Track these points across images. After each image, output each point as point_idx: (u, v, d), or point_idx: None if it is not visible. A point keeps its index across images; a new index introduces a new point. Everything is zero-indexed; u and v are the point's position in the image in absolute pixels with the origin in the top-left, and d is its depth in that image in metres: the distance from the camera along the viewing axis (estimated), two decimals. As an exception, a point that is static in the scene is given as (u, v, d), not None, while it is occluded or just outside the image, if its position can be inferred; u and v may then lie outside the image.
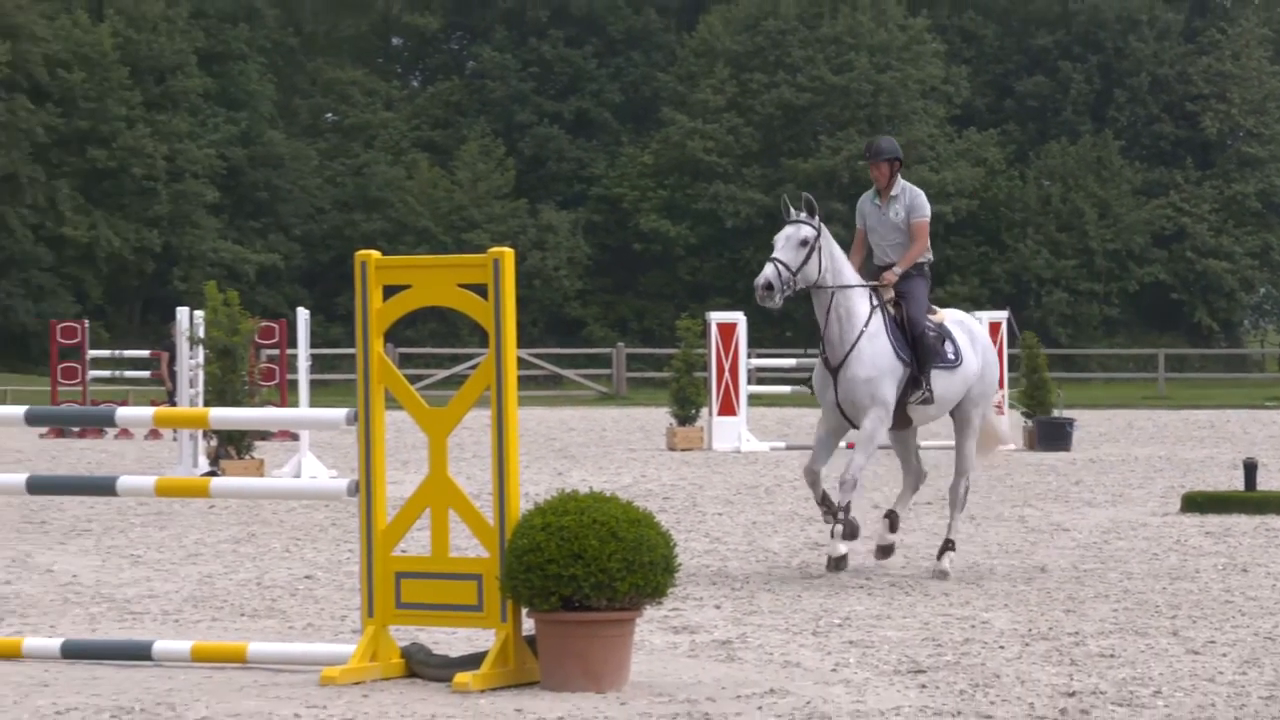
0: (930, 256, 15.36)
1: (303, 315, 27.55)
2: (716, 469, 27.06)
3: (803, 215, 14.75)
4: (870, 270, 15.25)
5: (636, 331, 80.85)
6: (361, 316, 10.37)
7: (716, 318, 32.87)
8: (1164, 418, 46.06)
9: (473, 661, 10.02)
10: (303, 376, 26.91)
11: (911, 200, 15.23)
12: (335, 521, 18.56)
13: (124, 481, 11.39)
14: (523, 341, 55.48)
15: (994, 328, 31.85)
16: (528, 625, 10.04)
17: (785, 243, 14.67)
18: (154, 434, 34.67)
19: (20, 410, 11.68)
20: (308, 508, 19.84)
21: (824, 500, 15.04)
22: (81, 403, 37.74)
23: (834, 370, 14.77)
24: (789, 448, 31.77)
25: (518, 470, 10.16)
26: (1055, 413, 31.97)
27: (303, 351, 27.04)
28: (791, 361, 40.16)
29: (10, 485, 11.61)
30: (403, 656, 10.25)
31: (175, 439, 28.21)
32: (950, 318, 15.57)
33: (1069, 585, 14.20)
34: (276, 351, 32.22)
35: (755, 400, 35.22)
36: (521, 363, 48.28)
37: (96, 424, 25.04)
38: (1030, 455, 29.89)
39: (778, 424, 40.44)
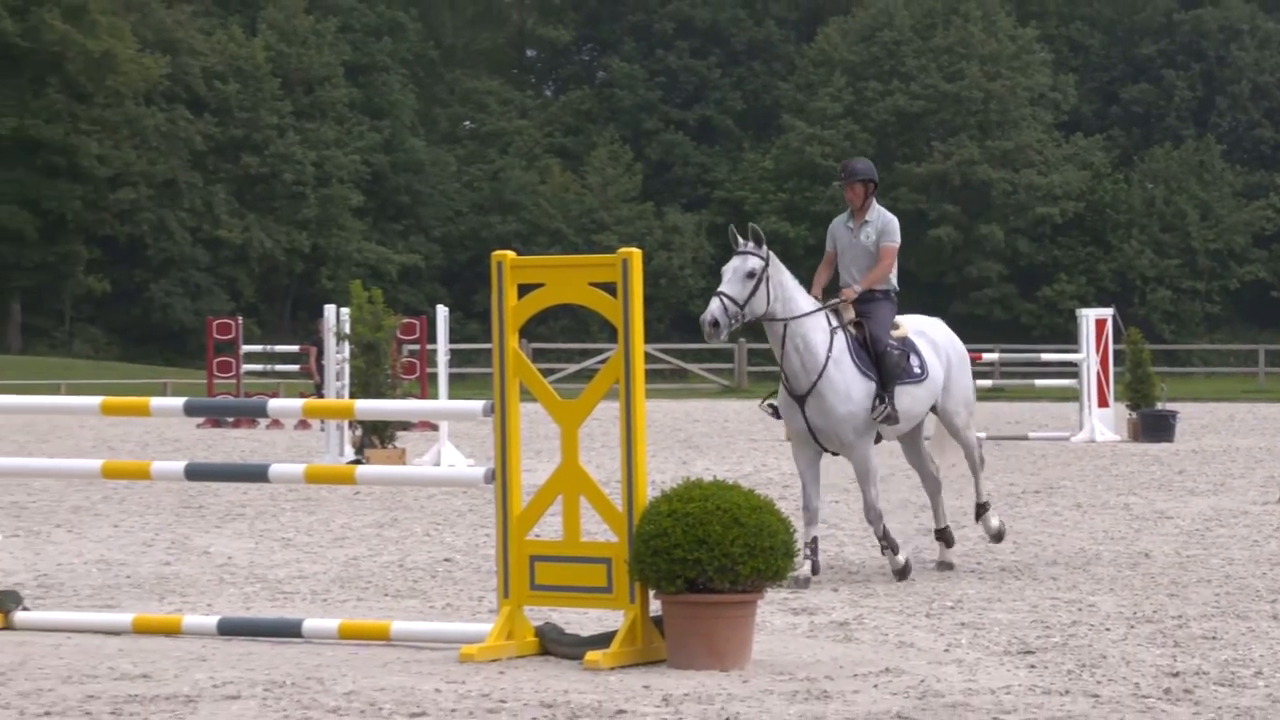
0: (895, 285, 14.55)
1: (442, 312, 27.66)
2: (832, 459, 26.93)
3: (750, 246, 13.63)
4: (833, 293, 14.40)
5: (757, 328, 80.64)
6: (498, 313, 10.40)
7: (834, 315, 32.69)
8: (1264, 410, 45.64)
9: (603, 640, 10.03)
10: (442, 370, 27.01)
11: (884, 225, 14.42)
12: (473, 507, 18.61)
13: (276, 469, 11.46)
14: (649, 337, 55.48)
15: (1100, 324, 31.66)
16: (654, 606, 10.04)
17: (732, 275, 13.59)
18: (303, 424, 34.89)
19: (180, 401, 11.77)
20: (447, 494, 19.90)
21: (886, 536, 14.15)
22: (235, 395, 38.00)
23: (800, 398, 13.87)
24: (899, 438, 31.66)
25: (645, 459, 10.16)
26: (1159, 405, 31.70)
27: (442, 346, 27.15)
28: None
29: (170, 472, 11.70)
30: (537, 635, 10.27)
31: (323, 429, 28.38)
32: (912, 327, 14.69)
33: (1172, 570, 14.09)
34: (417, 346, 32.34)
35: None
36: (648, 357, 48.32)
37: (250, 415, 25.17)
38: (1134, 446, 29.65)
39: (892, 416, 40.27)
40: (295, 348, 42.67)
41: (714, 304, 13.54)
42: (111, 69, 75.35)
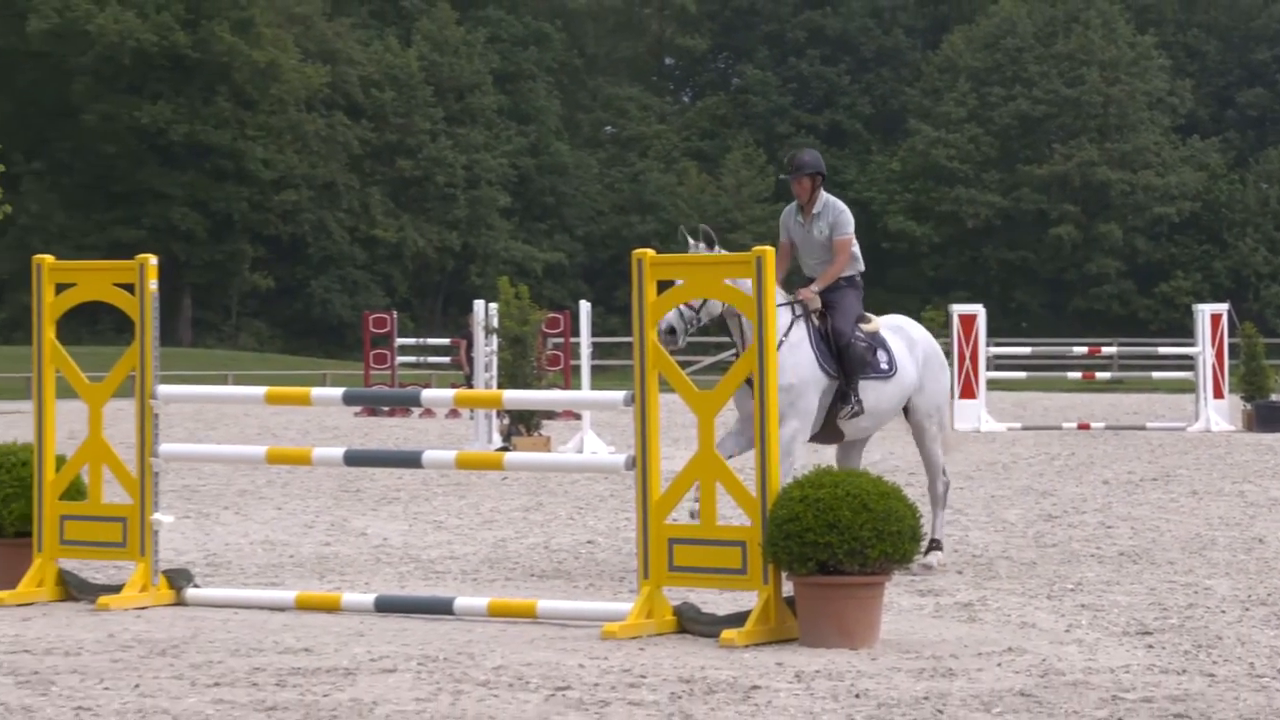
0: (861, 267, 13.58)
1: (585, 307, 27.73)
2: (957, 447, 26.82)
3: (701, 247, 12.71)
4: (795, 284, 13.46)
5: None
6: (638, 308, 10.41)
7: (958, 309, 32.59)
8: (1374, 402, 45.01)
9: (738, 619, 10.02)
10: (585, 362, 27.07)
11: (835, 217, 13.31)
12: (614, 492, 18.64)
13: (428, 455, 11.52)
14: (782, 331, 55.24)
15: (1215, 319, 31.33)
16: (787, 587, 10.03)
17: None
18: (453, 413, 35.06)
19: (339, 392, 11.86)
20: (589, 480, 19.94)
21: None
22: (390, 385, 38.26)
23: (750, 381, 13.10)
24: (1025, 428, 31.51)
25: (778, 447, 10.14)
26: (1273, 397, 31.36)
27: (585, 340, 27.22)
28: (1027, 350, 39.76)
29: (330, 458, 11.79)
30: (675, 614, 10.27)
31: (472, 418, 28.49)
32: (887, 324, 13.71)
33: (1285, 555, 13.93)
34: (561, 340, 32.45)
35: (993, 385, 34.86)
36: (781, 350, 48.07)
37: (404, 404, 25.34)
38: (1248, 436, 29.34)
39: (1014, 406, 40.05)
40: (446, 341, 42.89)
41: (669, 312, 12.27)
42: (276, 78, 76.02)
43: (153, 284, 11.48)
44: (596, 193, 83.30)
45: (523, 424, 25.50)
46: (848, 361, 12.96)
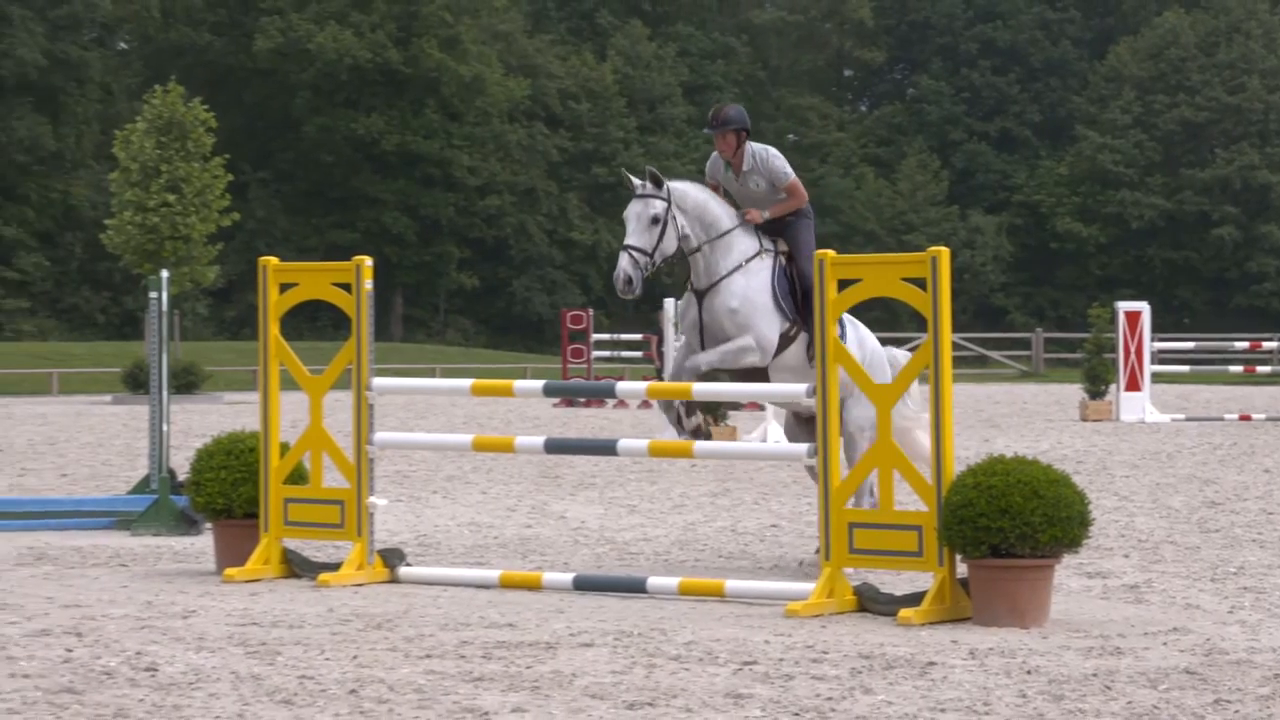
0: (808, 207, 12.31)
1: (769, 305, 27.62)
2: (1124, 437, 26.52)
3: (648, 187, 11.69)
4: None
5: (1052, 318, 79.89)
6: (819, 306, 10.38)
7: (1124, 306, 32.19)
8: None
9: (914, 599, 9.97)
10: (769, 356, 26.97)
11: (769, 169, 12.04)
12: (796, 479, 18.61)
13: (623, 444, 11.56)
14: (954, 326, 55.07)
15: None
16: (961, 569, 9.96)
17: (636, 223, 11.66)
18: (645, 404, 35.14)
19: (539, 384, 11.92)
20: (773, 467, 19.92)
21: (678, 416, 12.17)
22: (587, 378, 38.41)
23: (700, 294, 11.82)
24: (1188, 419, 31.09)
25: (952, 436, 10.07)
26: None
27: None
28: (1190, 345, 39.18)
29: (531, 446, 11.85)
30: (855, 594, 10.23)
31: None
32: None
33: None
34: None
35: (1157, 378, 34.41)
36: (954, 345, 47.95)
37: (600, 395, 25.43)
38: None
39: (1177, 399, 39.50)
40: (639, 336, 42.97)
41: (623, 259, 11.62)
42: (480, 91, 76.62)
43: (368, 284, 11.60)
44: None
45: (711, 414, 25.52)
46: (811, 308, 11.54)
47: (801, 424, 12.52)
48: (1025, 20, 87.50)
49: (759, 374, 12.05)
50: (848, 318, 12.23)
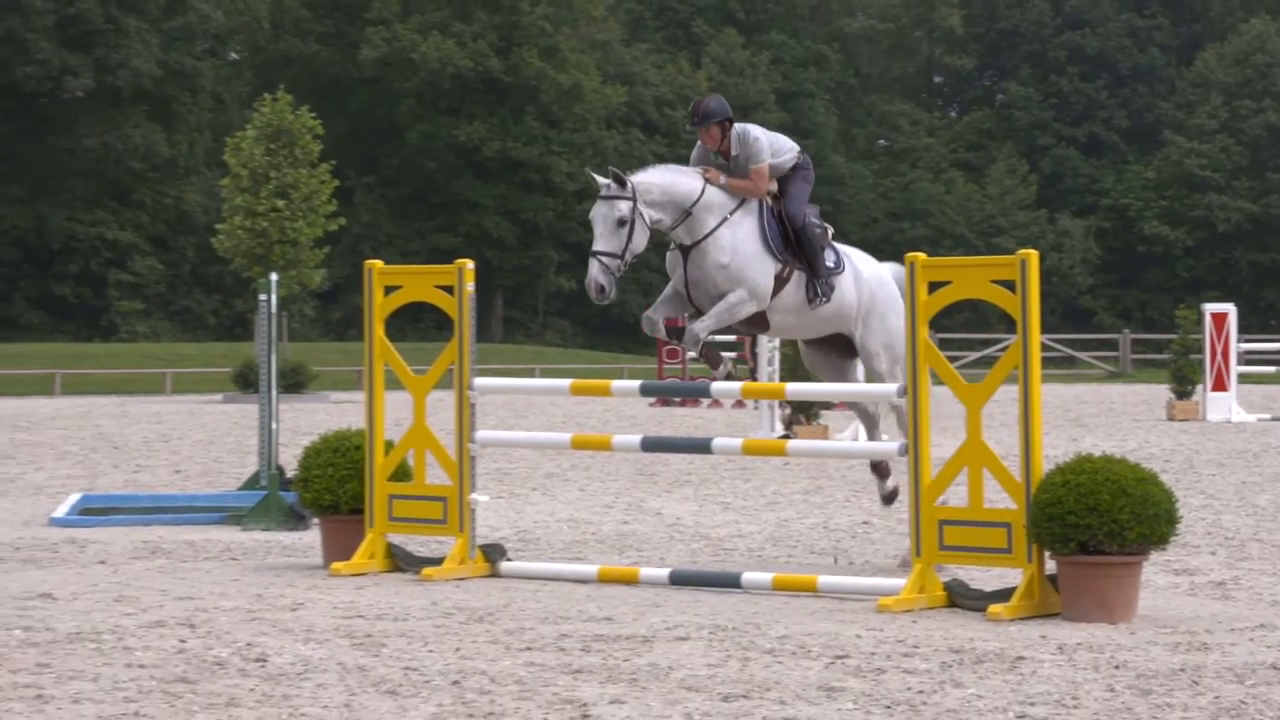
0: (797, 149, 11.79)
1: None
2: (1210, 437, 26.29)
3: (613, 188, 11.19)
4: None
5: (1139, 320, 79.37)
6: (910, 308, 10.34)
7: (1210, 308, 31.91)
8: None
9: (1003, 595, 9.92)
10: (861, 357, 26.88)
11: (749, 150, 11.47)
12: (888, 477, 18.53)
13: (718, 442, 11.54)
14: (1042, 328, 54.82)
15: None
16: (1050, 566, 9.90)
17: (603, 227, 11.15)
18: (739, 404, 35.08)
19: (636, 384, 11.93)
20: (865, 465, 19.82)
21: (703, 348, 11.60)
22: (681, 378, 38.40)
23: (686, 250, 11.40)
24: (1274, 419, 30.80)
25: (1041, 435, 10.02)
26: None
27: (861, 336, 27.03)
28: (1276, 345, 38.82)
29: (628, 444, 11.85)
30: (945, 590, 10.19)
31: (756, 408, 28.52)
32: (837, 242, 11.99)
33: None
34: (839, 336, 32.27)
35: (1244, 379, 34.08)
36: (1042, 346, 47.64)
37: (695, 395, 25.41)
38: None
39: (1264, 399, 39.12)
40: (733, 338, 42.93)
41: (593, 267, 11.09)
42: (579, 99, 76.79)
43: (469, 286, 11.64)
44: (870, 201, 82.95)
45: (803, 414, 25.47)
46: (806, 245, 11.43)
47: (817, 351, 12.29)
48: (1113, 27, 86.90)
49: (757, 320, 11.62)
50: (842, 247, 12.01)
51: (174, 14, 72.90)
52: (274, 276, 16.16)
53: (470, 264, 11.68)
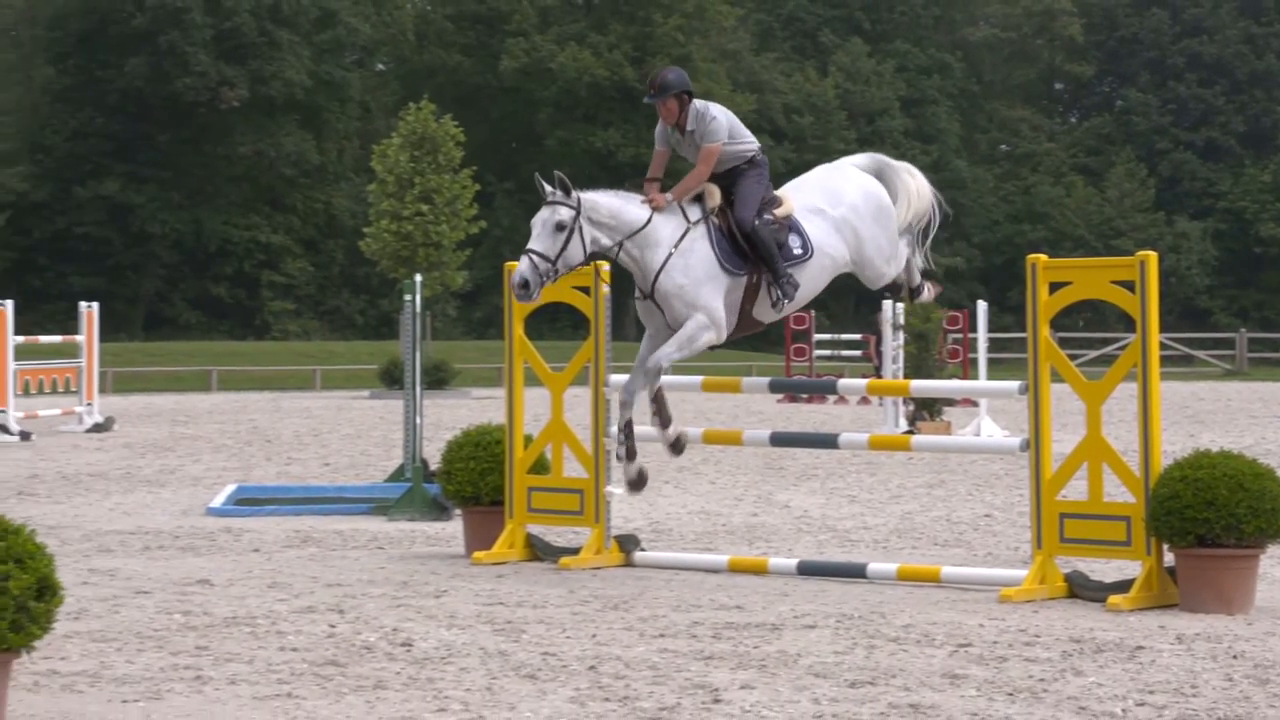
0: (755, 144, 11.18)
1: (982, 307, 27.40)
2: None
3: (558, 195, 10.77)
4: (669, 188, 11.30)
5: (1256, 320, 78.32)
6: (1032, 307, 10.26)
7: (1326, 308, 31.43)
8: None
9: (1123, 586, 9.83)
10: (982, 356, 26.75)
11: (704, 126, 10.95)
12: (1009, 472, 18.40)
13: (844, 437, 11.50)
14: (1160, 327, 54.17)
15: None
16: (1168, 558, 9.80)
17: (541, 229, 10.67)
18: (864, 400, 34.94)
19: (765, 380, 11.93)
20: (987, 460, 19.72)
21: (626, 427, 11.02)
22: (808, 375, 38.28)
23: (648, 295, 10.80)
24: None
25: (1159, 432, 9.91)
26: None
27: (982, 336, 26.90)
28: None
29: (758, 439, 11.85)
30: (1065, 581, 10.11)
31: (880, 404, 28.38)
32: (800, 201, 11.06)
33: None
34: (960, 335, 32.09)
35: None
36: (1160, 344, 47.11)
37: (821, 392, 25.36)
38: None
39: (1379, 396, 38.49)
40: (858, 336, 42.74)
41: (523, 263, 10.57)
42: (708, 107, 76.76)
43: (605, 287, 11.68)
44: (992, 204, 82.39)
45: (926, 410, 25.33)
46: (760, 249, 10.69)
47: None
48: (1231, 35, 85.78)
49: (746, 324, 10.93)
50: (821, 187, 11.17)
51: (324, 27, 73.59)
52: (418, 278, 16.29)
53: (605, 265, 11.70)
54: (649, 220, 10.82)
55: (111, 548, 12.48)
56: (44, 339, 29.55)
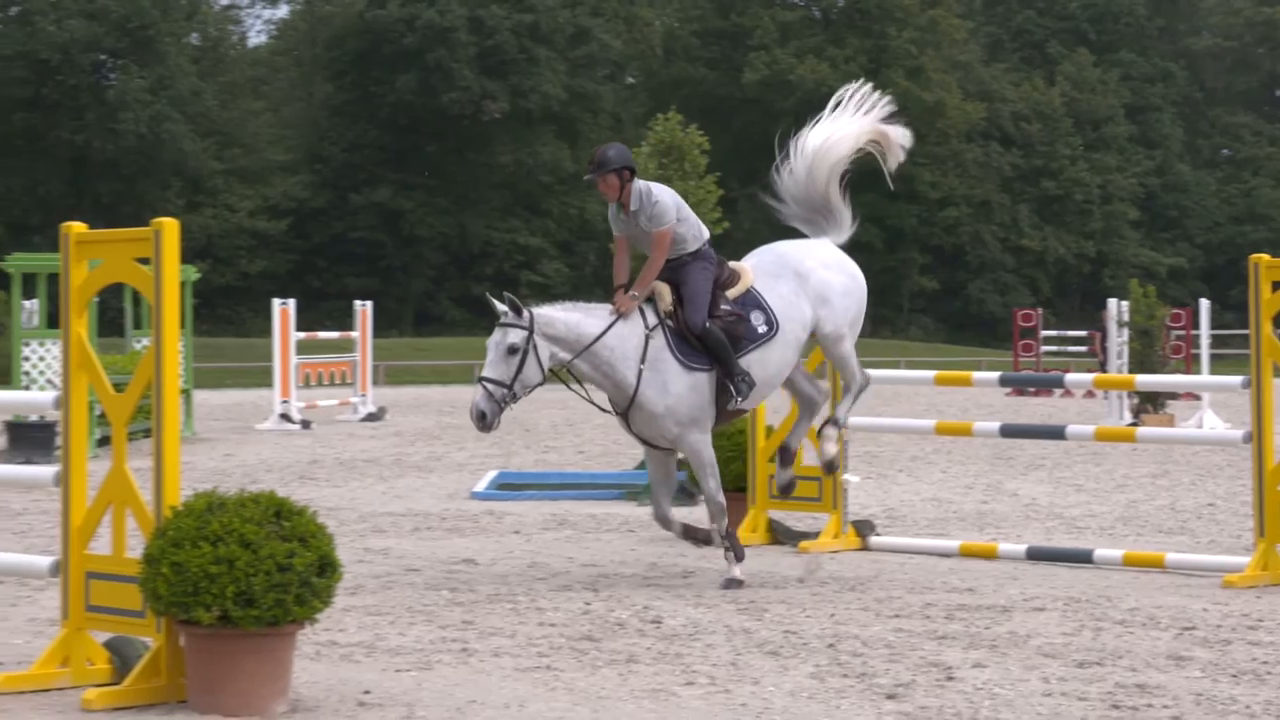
0: (703, 235, 10.24)
1: (1204, 305, 26.85)
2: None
3: (510, 316, 9.81)
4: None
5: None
6: (1254, 304, 10.02)
7: None
8: None
9: (1345, 575, 9.55)
10: (1204, 352, 26.21)
11: (651, 210, 9.99)
12: (1231, 463, 17.99)
13: (1071, 429, 11.35)
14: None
15: None
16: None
17: (494, 353, 9.76)
18: (1089, 394, 34.36)
19: (995, 375, 11.79)
20: (1209, 451, 19.30)
21: (686, 533, 10.17)
22: (1035, 370, 37.75)
23: (624, 414, 9.99)
24: None
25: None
26: None
27: (1204, 332, 26.34)
28: None
29: (988, 430, 11.73)
30: (1288, 569, 9.85)
31: (1105, 398, 27.89)
32: (762, 267, 10.28)
33: None
34: (1183, 332, 31.44)
35: None
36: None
37: (1049, 386, 24.96)
38: None
39: None
40: (1083, 333, 42.05)
41: (477, 394, 9.68)
42: (941, 115, 76.00)
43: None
44: (1214, 206, 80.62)
45: (1150, 404, 24.86)
46: (713, 350, 9.89)
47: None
48: None
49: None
50: (781, 262, 10.40)
51: (579, 44, 74.27)
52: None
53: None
54: (608, 328, 9.91)
55: (384, 528, 12.72)
56: (323, 335, 30.19)
